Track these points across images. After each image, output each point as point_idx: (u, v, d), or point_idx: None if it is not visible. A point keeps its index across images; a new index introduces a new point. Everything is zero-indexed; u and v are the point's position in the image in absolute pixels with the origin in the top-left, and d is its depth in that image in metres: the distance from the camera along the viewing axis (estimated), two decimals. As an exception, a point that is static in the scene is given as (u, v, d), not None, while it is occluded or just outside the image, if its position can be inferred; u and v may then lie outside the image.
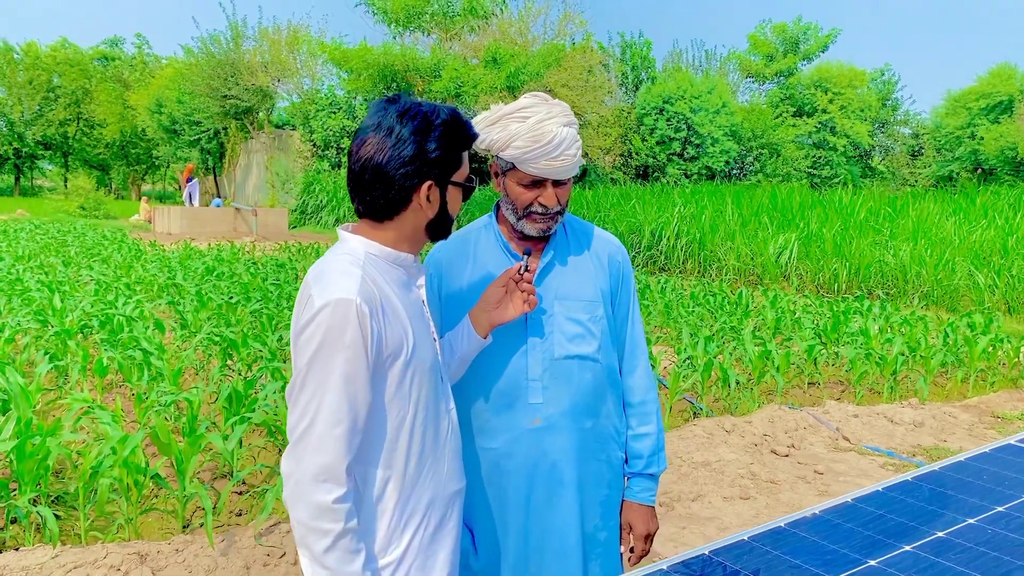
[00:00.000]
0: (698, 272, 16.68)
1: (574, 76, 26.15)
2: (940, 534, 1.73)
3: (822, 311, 10.46)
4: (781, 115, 35.53)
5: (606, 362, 2.12)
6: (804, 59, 37.39)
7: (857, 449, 5.95)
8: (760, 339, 7.92)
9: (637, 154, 31.61)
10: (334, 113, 27.01)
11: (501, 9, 23.92)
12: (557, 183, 2.02)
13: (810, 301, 11.59)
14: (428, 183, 1.67)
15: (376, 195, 1.67)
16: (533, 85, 23.49)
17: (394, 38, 23.55)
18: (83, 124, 50.79)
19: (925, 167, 40.18)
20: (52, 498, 4.45)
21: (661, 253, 17.47)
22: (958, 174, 36.56)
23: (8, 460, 4.10)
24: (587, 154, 28.43)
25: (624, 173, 32.13)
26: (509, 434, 2.04)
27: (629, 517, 2.16)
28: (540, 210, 2.02)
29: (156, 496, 4.64)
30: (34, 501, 4.22)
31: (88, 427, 4.93)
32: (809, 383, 7.73)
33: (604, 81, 29.88)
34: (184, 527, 4.31)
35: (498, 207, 2.15)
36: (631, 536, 2.17)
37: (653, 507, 2.18)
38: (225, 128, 33.67)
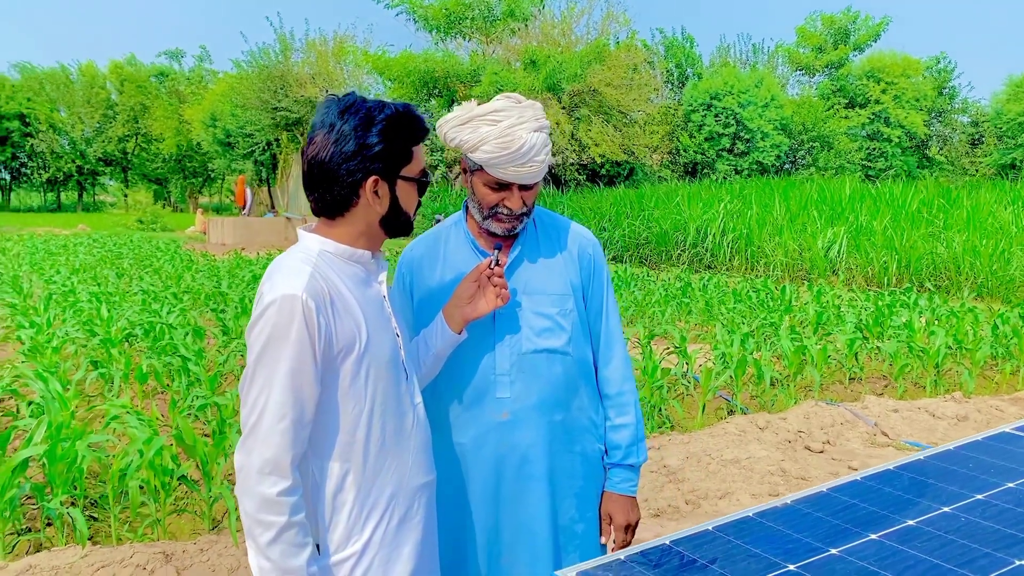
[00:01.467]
0: (745, 269, 16.45)
1: (618, 75, 25.98)
2: (910, 522, 1.68)
3: (867, 305, 10.23)
4: (833, 107, 34.81)
5: (577, 355, 2.12)
6: (855, 49, 36.57)
7: (895, 444, 5.81)
8: (797, 335, 7.78)
9: (685, 151, 31.28)
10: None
11: (539, 10, 23.86)
12: (523, 187, 2.02)
13: (856, 295, 11.35)
14: (373, 178, 1.68)
15: (323, 192, 1.69)
16: (576, 86, 23.42)
17: (435, 44, 23.72)
18: (141, 139, 52.24)
19: (986, 155, 38.94)
20: (90, 500, 4.59)
21: (707, 250, 17.27)
22: (1021, 162, 35.37)
23: (41, 463, 4.25)
24: (633, 152, 28.23)
25: (672, 171, 31.84)
26: (477, 428, 2.05)
27: (609, 508, 2.16)
28: (505, 211, 2.02)
29: (189, 497, 4.75)
30: (71, 503, 4.36)
31: (121, 431, 5.07)
32: (851, 379, 7.56)
33: (650, 79, 29.64)
34: (212, 527, 4.41)
35: (467, 204, 2.16)
36: (611, 527, 2.16)
37: (634, 497, 2.17)
38: (277, 140, 34.30)
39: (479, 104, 2.03)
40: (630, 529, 2.15)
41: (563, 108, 24.87)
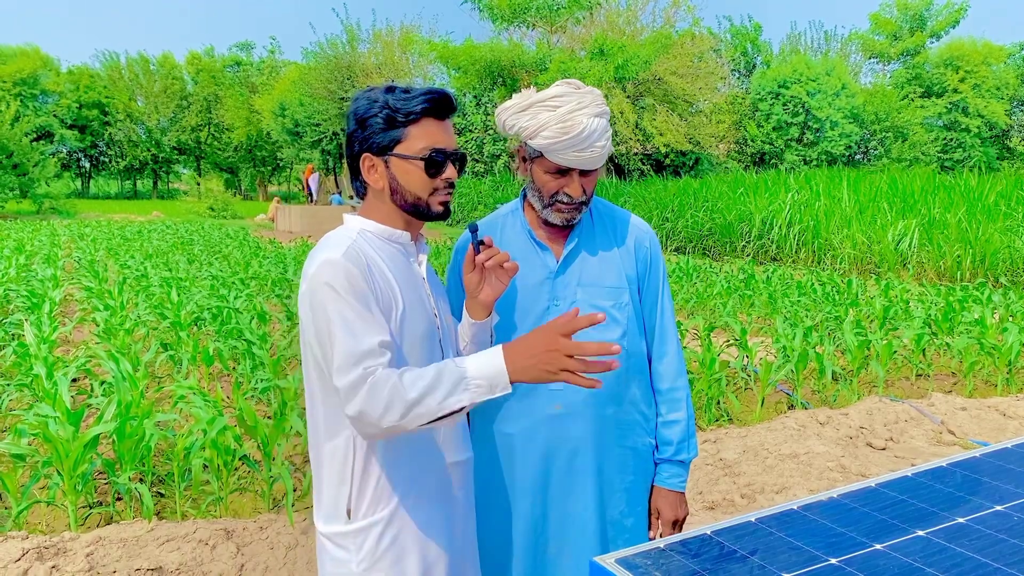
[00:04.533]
0: (812, 261, 16.12)
1: (684, 63, 25.65)
2: (960, 520, 1.65)
3: (937, 300, 9.94)
4: (907, 96, 33.78)
5: (632, 348, 2.11)
6: (932, 36, 35.39)
7: (962, 443, 5.64)
8: (862, 329, 7.60)
9: (752, 141, 30.75)
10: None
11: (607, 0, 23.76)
12: (583, 173, 2.01)
13: (926, 290, 11.03)
14: (364, 155, 1.76)
15: (351, 175, 1.82)
16: (642, 74, 23.18)
17: (497, 34, 23.76)
18: (213, 129, 53.56)
19: (1071, 146, 37.32)
20: (157, 477, 4.76)
21: (772, 242, 16.97)
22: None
23: (111, 440, 4.42)
24: (699, 142, 27.86)
25: (739, 161, 31.33)
26: (529, 420, 2.06)
27: (658, 503, 2.15)
28: (565, 199, 2.02)
29: (250, 476, 4.88)
30: (139, 479, 4.53)
31: (187, 411, 5.23)
32: (918, 375, 7.36)
33: (716, 67, 29.20)
34: (272, 507, 4.53)
35: (525, 193, 2.16)
36: (659, 522, 2.15)
37: (682, 493, 2.16)
38: (343, 129, 34.76)
39: (538, 91, 2.03)
40: (678, 524, 2.14)
41: (628, 97, 24.66)
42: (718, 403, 6.25)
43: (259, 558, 3.83)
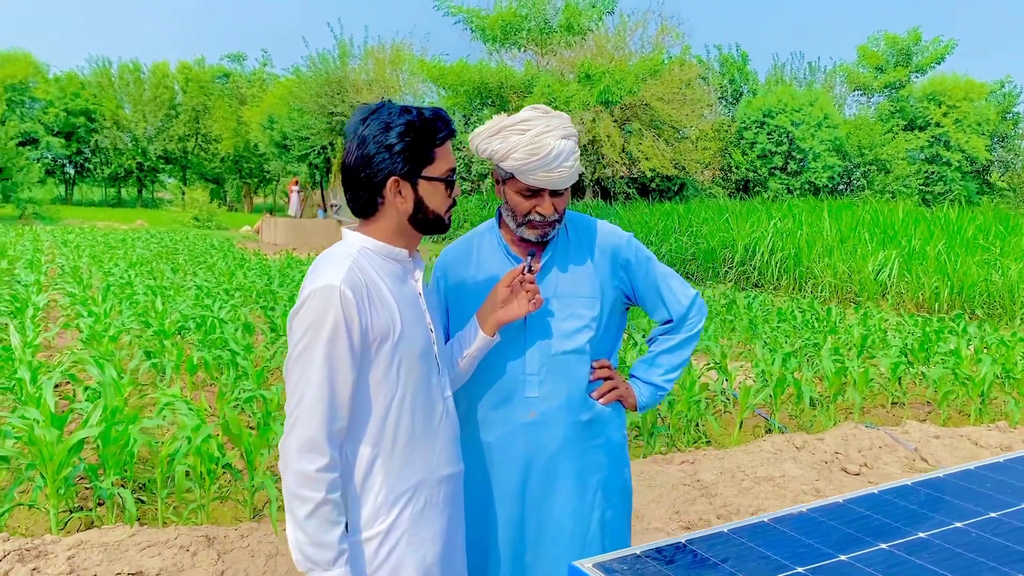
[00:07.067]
0: (793, 289, 16.29)
1: (671, 90, 25.94)
2: (921, 535, 1.73)
3: (914, 330, 10.09)
4: (891, 129, 34.26)
5: (600, 354, 2.21)
6: (917, 71, 35.97)
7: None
8: (840, 356, 7.73)
9: (737, 168, 31.07)
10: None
11: (597, 24, 24.05)
12: (554, 193, 2.10)
13: (903, 320, 11.19)
14: (393, 179, 1.79)
15: (353, 195, 1.83)
16: (628, 99, 23.45)
17: (490, 55, 23.99)
18: (201, 139, 53.51)
19: (1049, 183, 37.94)
20: (139, 484, 4.78)
21: (754, 268, 17.15)
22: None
23: (96, 445, 4.44)
24: (684, 168, 28.14)
25: (723, 188, 31.63)
26: (505, 427, 2.13)
27: (622, 388, 2.25)
28: (538, 218, 2.11)
29: (232, 485, 4.91)
30: (121, 485, 4.55)
31: (171, 419, 5.26)
32: (893, 403, 7.49)
33: (703, 95, 29.54)
34: (253, 515, 4.56)
35: (500, 212, 2.25)
36: (609, 383, 2.23)
37: (635, 403, 2.28)
38: (332, 144, 34.89)
39: (508, 116, 2.13)
40: (614, 391, 2.22)
41: (615, 121, 24.91)
42: (697, 425, 6.33)
43: (239, 565, 3.86)
